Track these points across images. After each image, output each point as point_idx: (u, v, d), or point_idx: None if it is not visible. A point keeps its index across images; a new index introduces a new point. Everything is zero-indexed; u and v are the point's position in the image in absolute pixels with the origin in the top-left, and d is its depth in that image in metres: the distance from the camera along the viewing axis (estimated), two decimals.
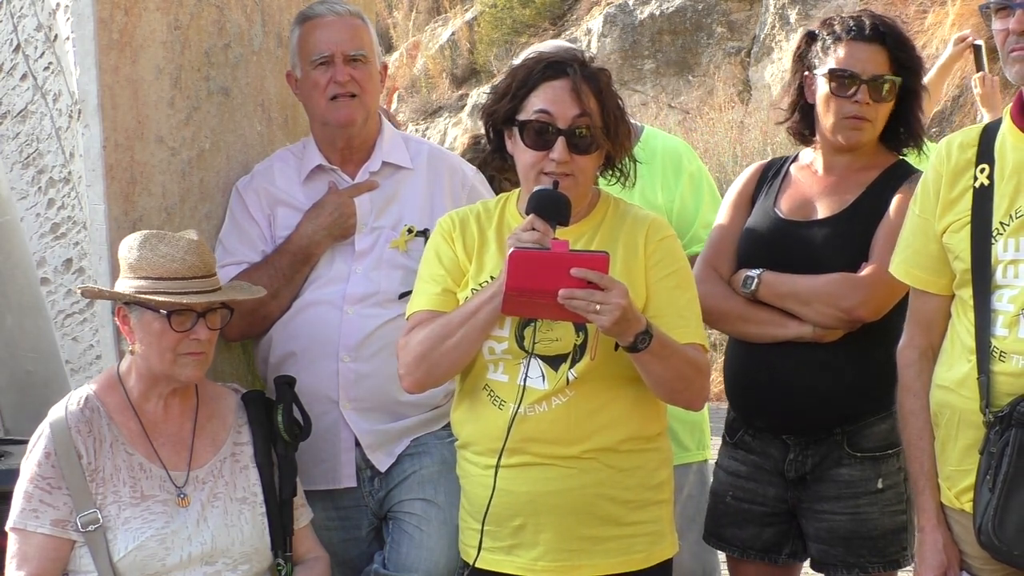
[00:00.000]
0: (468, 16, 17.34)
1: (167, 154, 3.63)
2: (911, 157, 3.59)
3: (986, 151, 2.96)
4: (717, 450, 3.85)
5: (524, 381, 3.00)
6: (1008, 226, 2.88)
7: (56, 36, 3.59)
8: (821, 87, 3.46)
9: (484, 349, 3.05)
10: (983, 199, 2.93)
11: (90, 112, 3.48)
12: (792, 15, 13.67)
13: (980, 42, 5.96)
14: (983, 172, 2.95)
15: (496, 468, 3.01)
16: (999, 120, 3.02)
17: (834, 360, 3.41)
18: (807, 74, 3.52)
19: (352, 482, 3.60)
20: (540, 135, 3.03)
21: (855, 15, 3.48)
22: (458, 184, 3.70)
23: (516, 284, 2.82)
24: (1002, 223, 2.89)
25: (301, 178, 3.69)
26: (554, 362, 3.02)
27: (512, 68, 3.16)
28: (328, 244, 3.61)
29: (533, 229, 2.87)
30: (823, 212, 3.49)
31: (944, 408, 2.99)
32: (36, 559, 3.10)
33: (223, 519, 3.21)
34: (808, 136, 3.60)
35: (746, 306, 3.48)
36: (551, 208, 2.92)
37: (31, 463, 3.15)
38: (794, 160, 3.64)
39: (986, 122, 3.11)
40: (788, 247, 3.47)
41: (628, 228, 3.12)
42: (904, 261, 3.09)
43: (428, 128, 16.36)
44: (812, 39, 3.53)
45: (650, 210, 3.36)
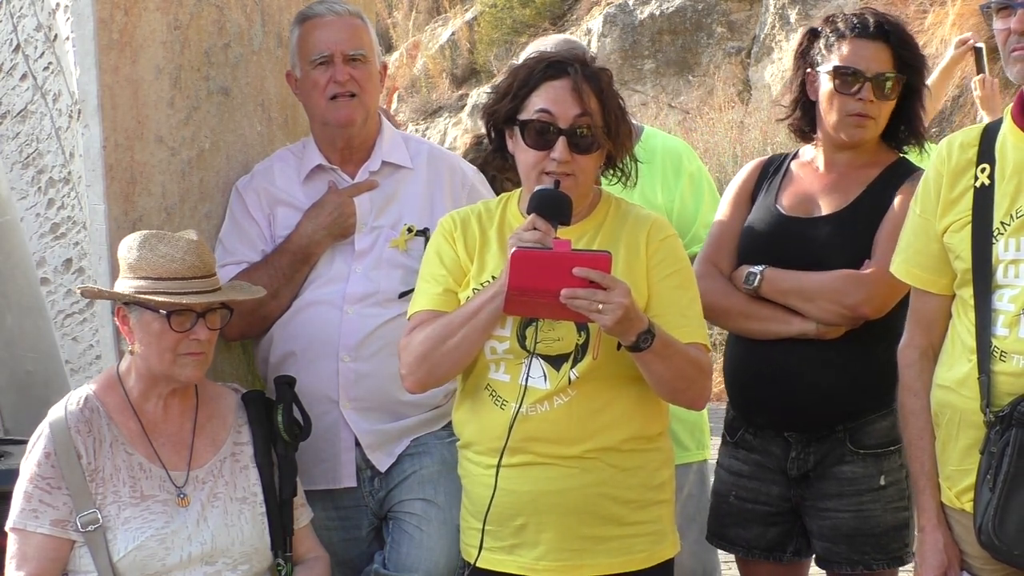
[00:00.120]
0: (468, 16, 17.33)
1: (167, 154, 3.63)
2: (912, 155, 3.59)
3: (987, 151, 2.96)
4: (716, 450, 3.84)
5: (526, 381, 2.99)
6: (1009, 226, 2.88)
7: (56, 36, 3.59)
8: (824, 84, 3.46)
9: (486, 349, 3.05)
10: (984, 199, 2.92)
11: (90, 112, 3.48)
12: (792, 15, 13.67)
13: (981, 44, 5.96)
14: (984, 172, 2.95)
15: (497, 468, 3.01)
16: (1000, 120, 3.02)
17: (836, 357, 3.41)
18: (809, 71, 3.52)
19: (352, 482, 3.60)
20: (541, 135, 3.03)
21: (859, 13, 3.48)
22: (458, 183, 3.70)
23: (518, 284, 2.82)
24: (1003, 223, 2.89)
25: (301, 178, 3.69)
26: (556, 362, 3.01)
27: (513, 68, 3.15)
28: (328, 243, 3.61)
29: (535, 229, 2.87)
30: (825, 209, 3.49)
31: (945, 408, 2.98)
32: (36, 559, 3.10)
33: (223, 519, 3.20)
34: (808, 133, 3.59)
35: (748, 302, 3.48)
36: (552, 208, 2.92)
37: (31, 463, 3.15)
38: (794, 157, 3.64)
39: (987, 122, 3.11)
40: (790, 244, 3.47)
41: (630, 228, 3.11)
42: (905, 261, 3.09)
43: (428, 128, 16.36)
44: (815, 36, 3.52)
45: (650, 210, 3.36)
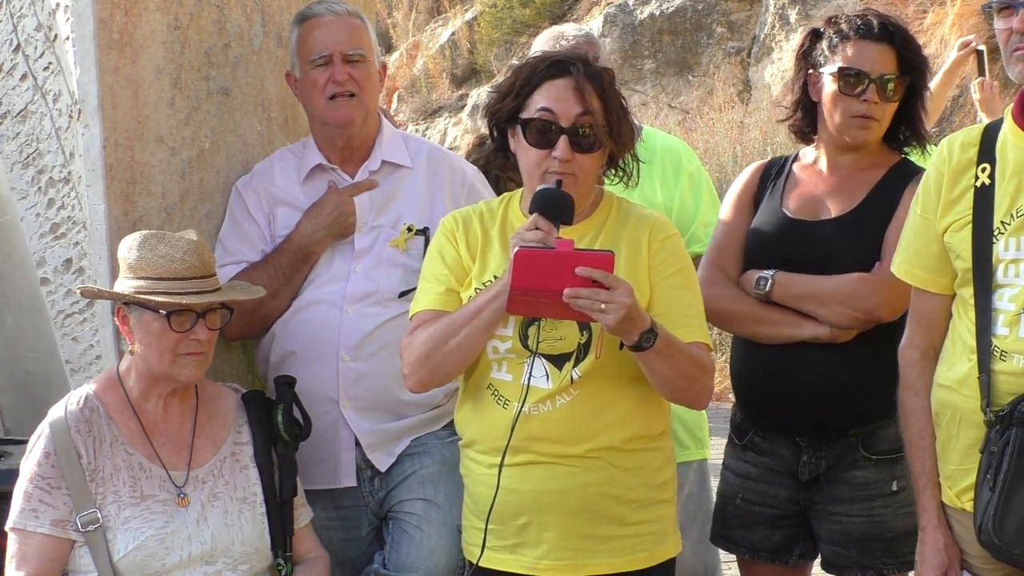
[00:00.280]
0: (468, 16, 17.32)
1: (167, 154, 3.63)
2: (914, 155, 3.58)
3: (987, 150, 2.96)
4: (715, 449, 3.83)
5: (528, 380, 2.99)
6: (1009, 225, 2.88)
7: (56, 36, 3.59)
8: (828, 85, 3.45)
9: (488, 348, 3.04)
10: (984, 198, 2.92)
11: (90, 112, 3.48)
12: (792, 15, 13.66)
13: (983, 47, 5.96)
14: (984, 171, 2.95)
15: (500, 467, 3.01)
16: (1000, 120, 3.02)
17: (846, 360, 3.39)
18: (812, 72, 3.50)
19: (352, 482, 3.60)
20: (543, 134, 3.02)
21: (861, 14, 3.47)
22: (458, 183, 3.70)
23: (521, 283, 2.82)
24: (1003, 222, 2.89)
25: (301, 177, 3.69)
26: (558, 361, 3.01)
27: (516, 66, 3.15)
28: (328, 243, 3.61)
29: (537, 228, 2.87)
30: (832, 211, 3.47)
31: (945, 407, 2.98)
32: (36, 559, 3.10)
33: (223, 519, 3.20)
34: (809, 134, 3.58)
35: (759, 307, 3.46)
36: (555, 207, 2.92)
37: (31, 463, 3.15)
38: (795, 159, 3.63)
39: (987, 122, 3.11)
40: (798, 247, 3.45)
41: (631, 227, 3.11)
42: (905, 261, 3.09)
43: (428, 128, 16.35)
44: (817, 37, 3.51)
45: (651, 209, 3.35)
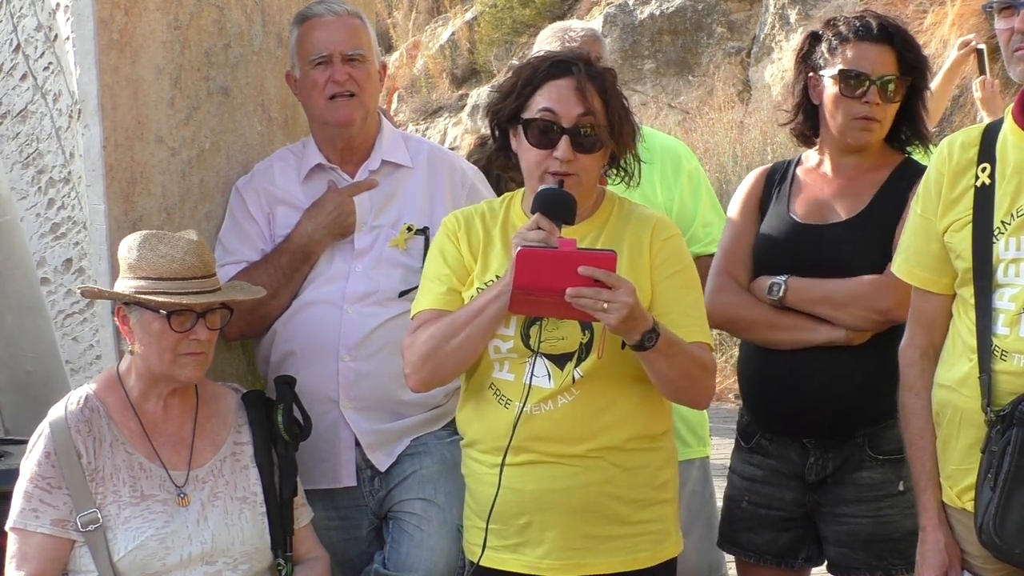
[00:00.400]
0: (468, 16, 17.32)
1: (167, 154, 3.63)
2: (917, 154, 3.57)
3: (988, 150, 2.96)
4: (717, 447, 3.83)
5: (530, 380, 2.98)
6: (1009, 225, 2.88)
7: (56, 36, 3.59)
8: (829, 88, 3.44)
9: (490, 348, 3.04)
10: (984, 198, 2.92)
11: (90, 112, 3.48)
12: (792, 15, 13.65)
13: (983, 46, 5.96)
14: (984, 171, 2.94)
15: (501, 467, 3.01)
16: (1001, 119, 3.02)
17: (858, 362, 3.39)
18: (812, 75, 3.50)
19: (352, 482, 3.60)
20: (544, 134, 3.02)
21: (859, 15, 3.46)
22: (458, 183, 3.70)
23: (523, 282, 2.82)
24: (1003, 222, 2.89)
25: (301, 177, 3.69)
26: (560, 361, 3.01)
27: (517, 66, 3.15)
28: (328, 242, 3.61)
29: (539, 228, 2.87)
30: (840, 214, 3.47)
31: (946, 407, 2.98)
32: (36, 559, 3.10)
33: (223, 518, 3.20)
34: (811, 137, 3.58)
35: (772, 313, 3.45)
36: (556, 207, 2.92)
37: (31, 463, 3.15)
38: (798, 163, 3.62)
39: (988, 122, 3.11)
40: (808, 251, 3.45)
41: (633, 227, 3.11)
42: (906, 261, 3.09)
43: (428, 128, 16.35)
44: (816, 40, 3.50)
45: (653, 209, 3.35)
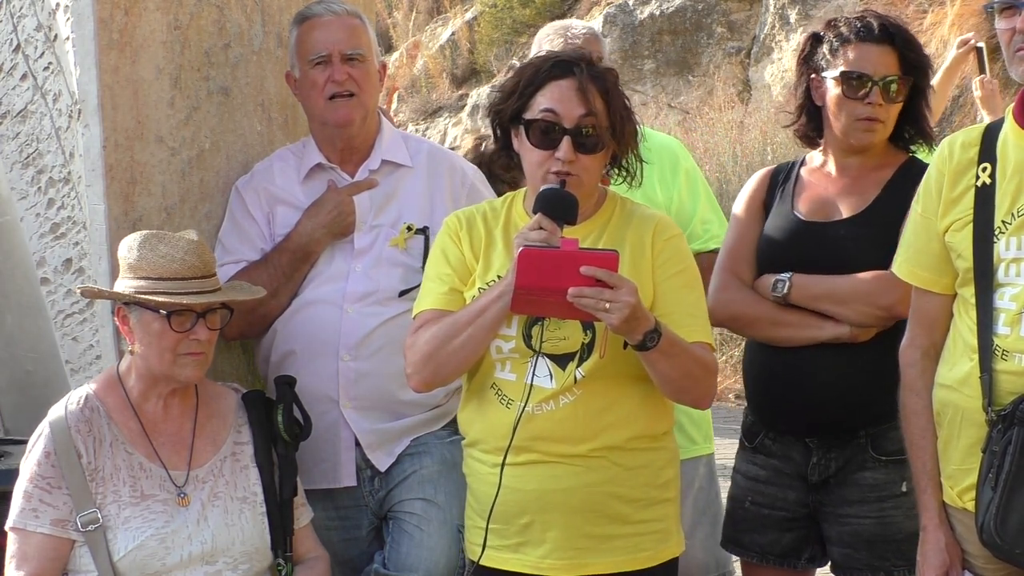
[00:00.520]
0: (468, 16, 17.32)
1: (167, 154, 3.63)
2: (921, 153, 3.58)
3: (988, 150, 2.96)
4: (717, 447, 3.82)
5: (531, 380, 2.99)
6: (1010, 225, 2.88)
7: (56, 36, 3.59)
8: (831, 89, 3.44)
9: (491, 348, 3.04)
10: (985, 198, 2.92)
11: (90, 112, 3.48)
12: (792, 15, 13.65)
13: (982, 44, 5.97)
14: (985, 171, 2.94)
15: (502, 466, 3.00)
16: (1001, 119, 3.02)
17: (862, 360, 3.38)
18: (814, 76, 3.50)
19: (352, 481, 3.60)
20: (546, 134, 3.02)
21: (860, 16, 3.46)
22: (458, 182, 3.70)
23: (525, 282, 2.82)
24: (1004, 222, 2.89)
25: (300, 177, 3.69)
26: (562, 361, 3.01)
27: (519, 66, 3.15)
28: (327, 242, 3.61)
29: (541, 228, 2.87)
30: (844, 212, 3.47)
31: (947, 407, 2.98)
32: (36, 559, 3.10)
33: (223, 518, 3.20)
34: (814, 139, 3.58)
35: (776, 310, 3.45)
36: (558, 207, 2.92)
37: (31, 463, 3.14)
38: (802, 164, 3.62)
39: (988, 121, 3.11)
40: (812, 248, 3.45)
41: (635, 227, 3.11)
42: (907, 260, 3.08)
43: (428, 128, 16.35)
44: (817, 41, 3.50)
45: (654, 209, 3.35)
